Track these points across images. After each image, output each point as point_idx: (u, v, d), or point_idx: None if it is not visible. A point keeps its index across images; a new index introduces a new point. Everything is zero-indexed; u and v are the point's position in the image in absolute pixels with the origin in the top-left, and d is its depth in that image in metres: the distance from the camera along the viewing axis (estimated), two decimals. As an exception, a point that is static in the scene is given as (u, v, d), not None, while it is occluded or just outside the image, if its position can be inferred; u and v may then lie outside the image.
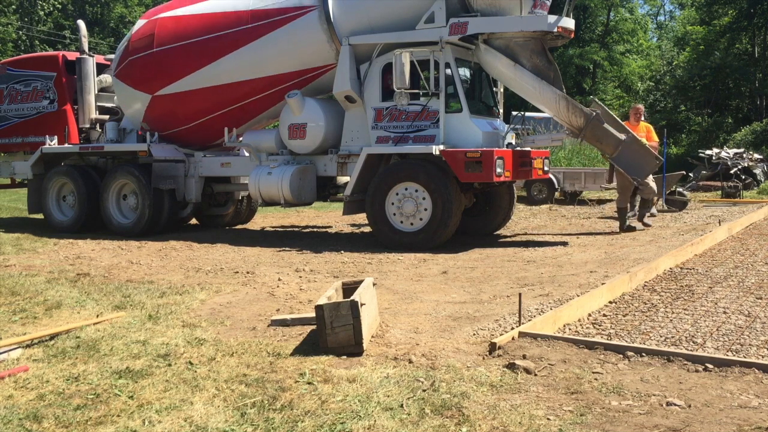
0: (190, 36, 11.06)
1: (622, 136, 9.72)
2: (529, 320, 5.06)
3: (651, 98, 36.87)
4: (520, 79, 9.56)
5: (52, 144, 12.28)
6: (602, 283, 6.32)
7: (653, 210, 12.87)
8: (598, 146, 10.07)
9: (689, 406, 3.48)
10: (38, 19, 42.22)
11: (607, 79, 40.46)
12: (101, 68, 12.80)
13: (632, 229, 10.84)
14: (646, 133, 11.17)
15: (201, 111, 11.29)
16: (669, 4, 60.05)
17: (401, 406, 3.54)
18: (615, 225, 12.04)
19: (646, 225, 11.09)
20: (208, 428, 3.33)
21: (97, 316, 5.61)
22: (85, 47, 12.76)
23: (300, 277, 7.49)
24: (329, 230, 12.42)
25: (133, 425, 3.38)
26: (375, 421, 3.36)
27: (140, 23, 11.90)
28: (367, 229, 11.21)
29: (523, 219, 13.44)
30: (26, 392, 3.86)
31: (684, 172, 17.17)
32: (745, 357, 4.28)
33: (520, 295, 5.18)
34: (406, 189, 9.58)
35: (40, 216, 12.78)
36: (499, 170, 9.23)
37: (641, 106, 11.93)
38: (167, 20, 11.46)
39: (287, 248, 9.73)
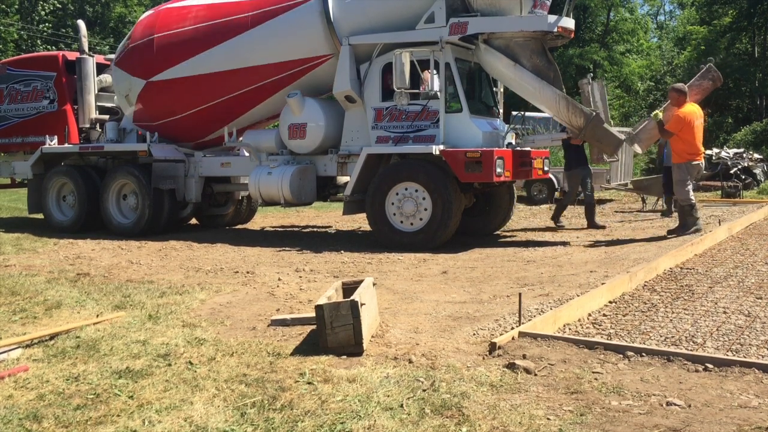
0: (189, 24, 11.13)
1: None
2: (529, 320, 5.06)
3: (651, 98, 36.87)
4: (520, 79, 9.56)
5: (52, 144, 12.28)
6: (602, 283, 6.32)
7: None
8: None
9: (689, 406, 3.48)
10: (39, 19, 42.22)
11: (607, 79, 40.42)
12: (101, 68, 12.81)
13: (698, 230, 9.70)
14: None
15: (194, 101, 11.27)
16: (669, 4, 60.09)
17: (401, 406, 3.54)
18: (615, 225, 12.02)
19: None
20: (208, 428, 3.33)
21: (97, 316, 5.61)
22: (85, 47, 12.77)
23: (300, 277, 7.49)
24: (329, 230, 12.43)
25: (133, 425, 3.38)
26: (375, 421, 3.36)
27: (146, 14, 12.12)
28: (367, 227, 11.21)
29: (523, 219, 13.44)
30: (26, 392, 3.86)
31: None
32: (745, 357, 4.28)
33: (520, 295, 5.18)
34: (406, 189, 9.58)
35: (40, 216, 12.78)
36: (499, 170, 9.23)
37: (677, 85, 10.24)
38: (170, 9, 11.55)
39: (287, 248, 9.73)
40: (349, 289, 5.16)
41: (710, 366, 4.01)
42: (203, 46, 10.94)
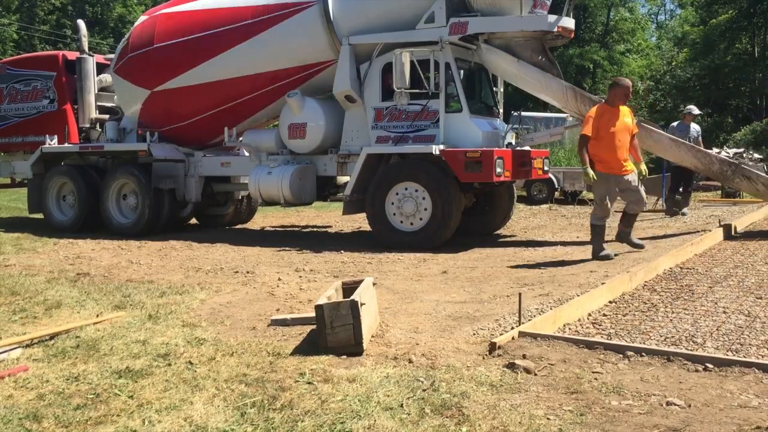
0: (190, 32, 11.08)
1: None
2: (529, 320, 5.06)
3: (651, 98, 36.87)
4: (525, 74, 9.58)
5: (52, 143, 12.28)
6: (602, 283, 6.32)
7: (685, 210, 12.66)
8: None
9: (689, 405, 3.48)
10: (39, 19, 42.24)
11: (607, 79, 40.44)
12: (101, 68, 12.81)
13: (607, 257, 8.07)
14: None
15: (199, 108, 11.30)
16: (670, 3, 60.10)
17: (401, 405, 3.54)
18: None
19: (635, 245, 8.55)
20: (207, 428, 3.33)
21: (97, 315, 5.61)
22: (85, 47, 12.76)
23: (300, 276, 7.49)
24: (329, 230, 12.42)
25: (133, 425, 3.38)
26: (375, 420, 3.36)
27: (141, 19, 12.00)
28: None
29: (523, 219, 13.44)
30: (26, 392, 3.86)
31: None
32: (745, 357, 4.27)
33: (520, 294, 5.17)
34: (406, 189, 9.58)
35: (40, 216, 12.77)
36: (499, 170, 9.23)
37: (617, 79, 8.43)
38: (168, 16, 11.49)
39: (287, 248, 9.73)
40: (349, 288, 5.16)
41: (710, 366, 4.01)
42: (205, 56, 10.93)
